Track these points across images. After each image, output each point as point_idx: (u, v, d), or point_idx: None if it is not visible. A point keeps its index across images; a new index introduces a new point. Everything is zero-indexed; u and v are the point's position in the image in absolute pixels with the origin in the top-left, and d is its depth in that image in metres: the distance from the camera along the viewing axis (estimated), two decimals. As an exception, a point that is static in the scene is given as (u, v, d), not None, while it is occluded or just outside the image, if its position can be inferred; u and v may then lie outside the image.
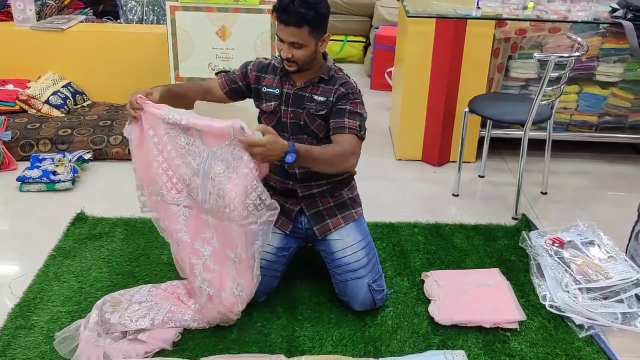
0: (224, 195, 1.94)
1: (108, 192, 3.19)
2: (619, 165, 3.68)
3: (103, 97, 4.09)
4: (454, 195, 3.25)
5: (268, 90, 2.21)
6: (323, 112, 2.13)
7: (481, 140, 3.51)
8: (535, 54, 2.83)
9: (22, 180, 3.14)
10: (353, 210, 2.31)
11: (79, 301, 2.30)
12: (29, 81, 3.90)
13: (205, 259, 2.11)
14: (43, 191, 3.14)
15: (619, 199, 3.26)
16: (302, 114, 2.16)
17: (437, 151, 3.56)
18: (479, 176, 3.49)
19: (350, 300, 2.24)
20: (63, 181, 3.15)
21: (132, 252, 2.61)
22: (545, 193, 3.29)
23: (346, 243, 2.24)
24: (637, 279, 2.34)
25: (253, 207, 1.95)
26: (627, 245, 2.56)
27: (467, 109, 3.06)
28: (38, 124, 3.60)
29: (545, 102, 2.91)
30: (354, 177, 2.37)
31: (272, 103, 2.19)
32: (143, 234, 2.75)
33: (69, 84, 3.96)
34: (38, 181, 3.13)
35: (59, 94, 3.82)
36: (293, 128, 2.18)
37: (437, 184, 3.38)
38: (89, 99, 4.06)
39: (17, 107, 3.75)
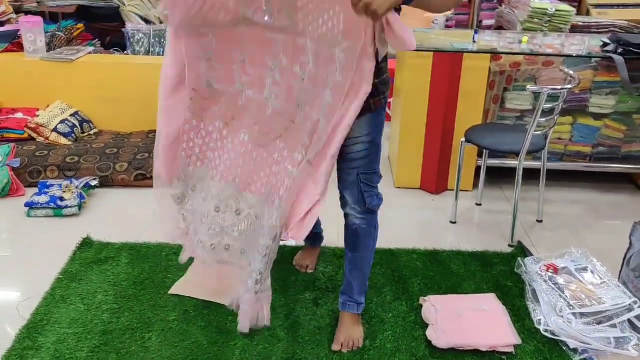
0: None
1: (114, 217, 3.26)
2: (613, 194, 3.76)
3: (109, 126, 4.19)
4: (451, 222, 3.32)
5: None
6: None
7: (478, 169, 3.60)
8: (529, 86, 2.93)
9: (30, 205, 3.21)
10: (371, 100, 2.00)
11: (85, 323, 2.36)
12: (38, 109, 4.01)
13: (274, 72, 1.97)
14: (50, 216, 3.22)
15: (612, 227, 3.33)
16: None
17: (434, 179, 3.64)
18: (476, 204, 3.57)
19: (343, 191, 2.18)
20: (70, 207, 3.22)
21: (137, 276, 2.67)
22: (541, 221, 3.37)
23: (352, 134, 2.05)
24: (629, 304, 2.39)
25: None
26: (620, 272, 2.62)
27: (463, 139, 3.15)
28: (46, 151, 3.69)
29: (539, 132, 3.00)
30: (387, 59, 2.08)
31: None
32: (147, 258, 2.81)
33: (76, 112, 4.07)
34: (45, 206, 3.21)
35: (66, 122, 3.92)
36: None
37: (434, 212, 3.45)
38: (95, 127, 4.16)
39: (25, 135, 3.85)
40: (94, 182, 3.46)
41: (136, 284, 2.62)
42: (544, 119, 2.94)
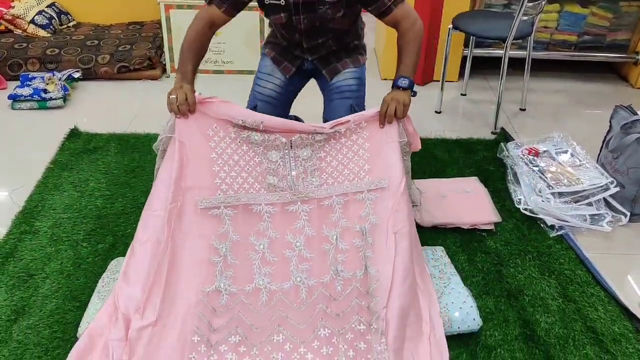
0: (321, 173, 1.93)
1: (99, 109, 3.25)
2: (596, 83, 3.79)
3: (88, 18, 4.08)
4: (436, 112, 3.36)
5: (271, 1, 2.00)
6: (340, 12, 2.02)
7: (464, 60, 3.59)
8: (518, -31, 2.88)
9: (14, 98, 3.18)
10: (359, 55, 2.26)
11: (80, 208, 2.42)
12: (13, 1, 3.87)
13: (300, 250, 1.89)
14: (35, 109, 3.20)
15: (594, 116, 3.39)
16: (316, 18, 2.01)
17: (420, 70, 3.63)
18: (461, 94, 3.59)
19: (330, 118, 2.16)
20: (54, 99, 3.20)
21: (127, 164, 2.71)
22: (524, 109, 3.41)
23: (343, 69, 2.23)
24: (606, 184, 2.49)
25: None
26: (599, 154, 2.70)
27: (451, 26, 3.12)
28: (25, 44, 3.60)
29: (526, 18, 2.98)
30: (363, 28, 2.31)
31: (282, 15, 2.02)
32: (136, 147, 2.84)
33: (53, 3, 3.94)
34: (29, 99, 3.18)
35: (43, 13, 3.80)
36: (308, 33, 2.09)
37: (420, 102, 3.46)
38: (74, 20, 4.05)
39: (2, 27, 3.74)
40: (77, 75, 3.42)
41: (127, 172, 2.66)
42: (531, 4, 2.91)
